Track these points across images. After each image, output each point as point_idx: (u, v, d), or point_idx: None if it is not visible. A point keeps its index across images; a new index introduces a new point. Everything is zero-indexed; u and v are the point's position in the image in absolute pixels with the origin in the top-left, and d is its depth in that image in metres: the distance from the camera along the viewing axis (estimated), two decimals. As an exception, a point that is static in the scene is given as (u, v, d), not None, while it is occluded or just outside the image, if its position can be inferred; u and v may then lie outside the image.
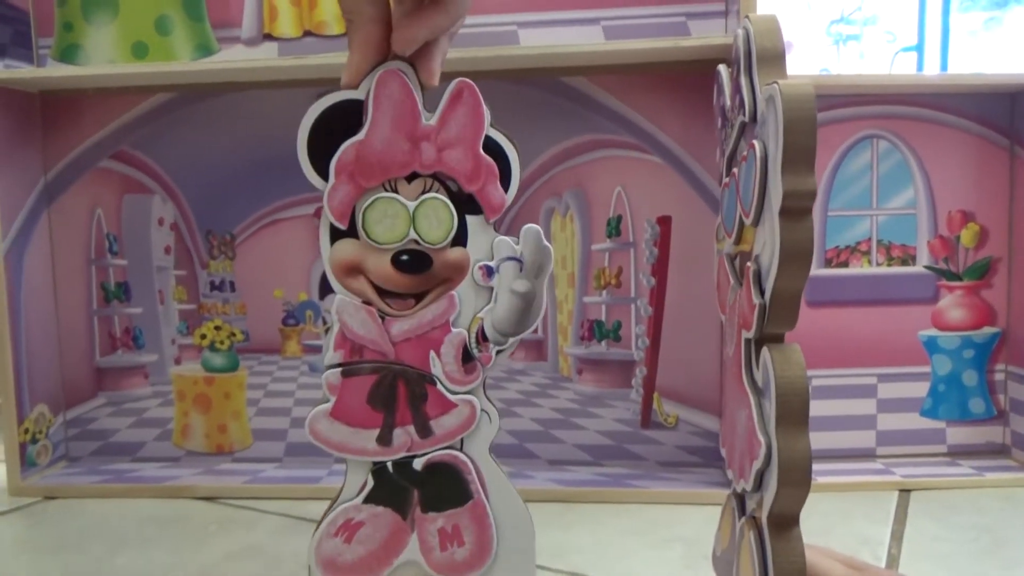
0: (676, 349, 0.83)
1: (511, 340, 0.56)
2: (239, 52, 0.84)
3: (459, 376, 0.56)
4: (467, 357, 0.56)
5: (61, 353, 0.90)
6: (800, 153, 0.39)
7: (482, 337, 0.56)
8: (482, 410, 0.57)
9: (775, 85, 0.40)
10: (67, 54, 0.85)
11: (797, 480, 0.40)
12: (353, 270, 0.54)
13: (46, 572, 0.66)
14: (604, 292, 0.85)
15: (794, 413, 0.41)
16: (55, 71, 0.82)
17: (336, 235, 0.54)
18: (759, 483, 0.43)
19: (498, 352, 0.56)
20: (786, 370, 0.41)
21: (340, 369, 0.55)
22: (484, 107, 0.54)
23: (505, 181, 0.55)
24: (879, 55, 1.38)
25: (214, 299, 0.89)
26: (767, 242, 0.42)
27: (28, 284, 0.85)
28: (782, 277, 0.41)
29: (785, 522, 0.42)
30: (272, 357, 0.89)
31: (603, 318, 0.85)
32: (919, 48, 1.38)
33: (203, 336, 0.89)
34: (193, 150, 0.87)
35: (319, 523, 0.56)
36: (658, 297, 0.83)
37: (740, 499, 0.49)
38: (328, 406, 0.55)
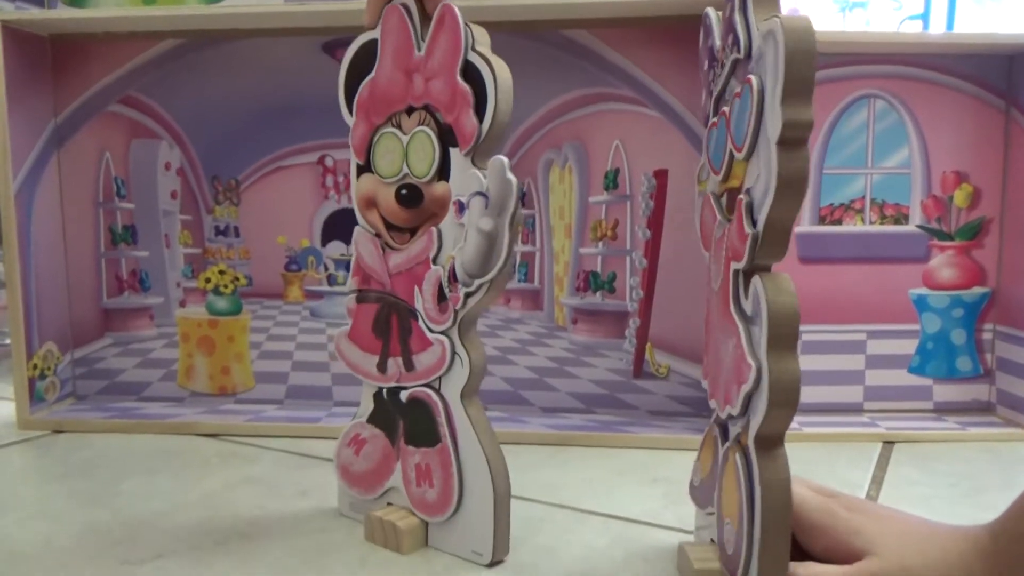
0: (669, 301, 0.85)
1: (476, 283, 0.52)
2: (246, -1, 0.85)
3: (435, 314, 0.55)
4: (442, 296, 0.55)
5: (69, 293, 0.92)
6: (800, 84, 0.40)
7: (452, 277, 0.53)
8: (455, 353, 0.54)
9: (775, 19, 0.41)
10: (77, -2, 0.87)
11: (786, 400, 0.42)
12: (370, 203, 0.58)
13: (53, 495, 0.68)
14: (600, 244, 0.86)
15: (785, 337, 0.43)
16: (65, 14, 0.84)
17: (361, 171, 0.58)
18: (746, 407, 0.45)
19: (467, 295, 0.53)
20: (778, 296, 0.43)
21: (355, 295, 0.59)
22: (463, 30, 0.51)
23: (481, 108, 0.51)
24: (885, 23, 1.38)
25: (219, 244, 0.91)
26: (761, 174, 0.43)
27: (38, 225, 0.87)
28: (777, 206, 0.42)
29: (771, 442, 0.44)
30: (274, 302, 0.91)
31: (599, 269, 0.87)
32: (924, 16, 1.38)
33: (207, 280, 0.91)
34: (200, 96, 0.88)
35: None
36: (653, 250, 0.85)
37: (723, 427, 0.51)
38: (347, 328, 0.60)
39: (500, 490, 0.54)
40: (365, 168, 0.58)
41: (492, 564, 0.55)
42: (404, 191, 0.55)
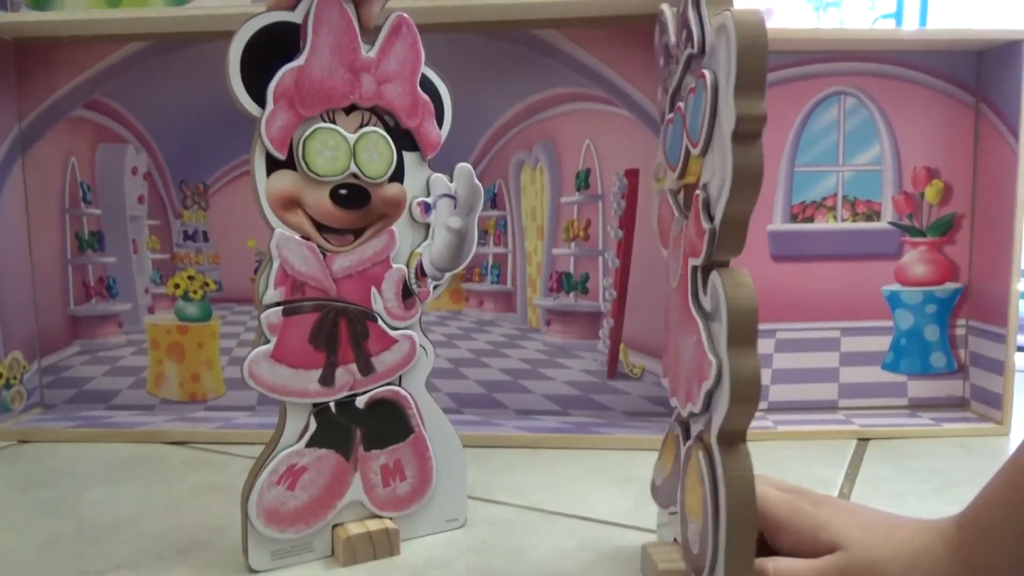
0: (643, 301, 0.85)
1: (446, 276, 0.58)
2: (212, 1, 0.84)
3: (400, 312, 0.57)
4: (406, 292, 0.57)
5: (36, 301, 0.90)
6: (752, 78, 0.40)
7: (421, 273, 0.57)
8: (420, 345, 0.58)
9: (727, 13, 0.41)
10: (41, 1, 0.85)
11: (747, 396, 0.42)
12: (291, 203, 0.52)
13: (14, 506, 0.67)
14: (572, 244, 0.86)
15: (744, 332, 0.42)
16: (28, 17, 0.83)
17: (271, 167, 0.51)
18: (708, 404, 0.45)
19: (435, 287, 0.58)
20: (736, 291, 0.42)
21: (281, 308, 0.53)
22: (421, 43, 0.54)
23: (439, 120, 0.56)
24: (859, 22, 1.40)
25: (187, 249, 0.89)
26: (717, 169, 0.43)
27: (2, 232, 0.86)
28: (733, 201, 0.42)
29: (734, 439, 0.43)
30: (245, 307, 0.90)
31: (571, 270, 0.86)
32: (897, 15, 1.39)
33: (176, 286, 0.90)
34: (167, 100, 0.87)
35: (254, 473, 0.54)
36: (625, 249, 0.84)
37: (684, 426, 0.50)
38: (269, 347, 0.53)
39: (463, 455, 0.61)
40: (279, 164, 0.51)
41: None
42: (345, 191, 0.53)
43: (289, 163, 0.52)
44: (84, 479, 0.73)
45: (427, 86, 0.56)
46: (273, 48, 0.50)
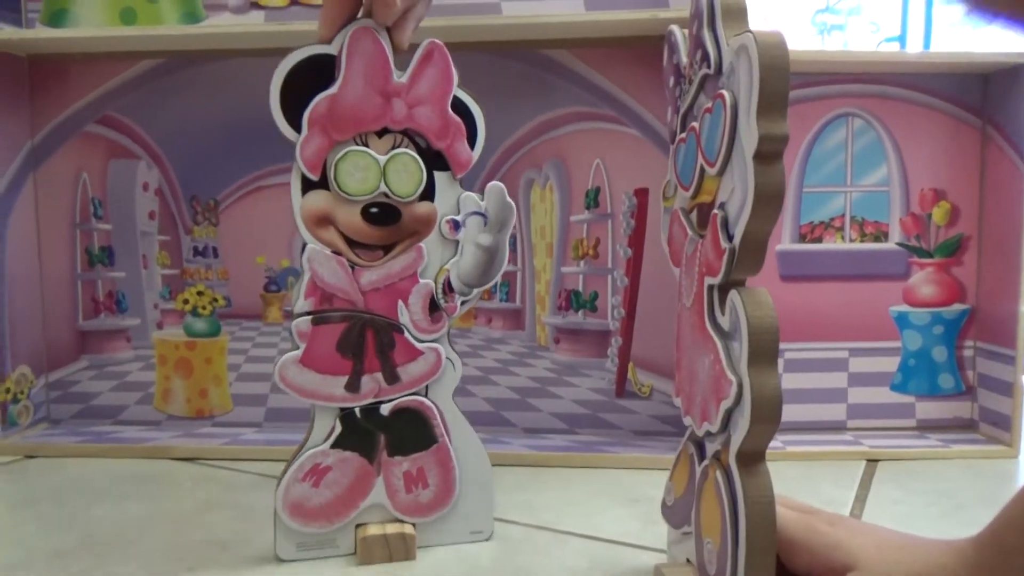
0: (651, 320, 0.85)
1: (474, 291, 0.59)
2: (226, 19, 0.85)
3: (426, 325, 0.59)
4: (434, 307, 0.59)
5: (44, 316, 0.91)
6: (774, 98, 0.41)
7: (448, 288, 0.59)
8: (447, 358, 0.59)
9: (748, 34, 0.41)
10: (56, 18, 0.86)
11: (768, 416, 0.42)
12: (323, 220, 0.56)
13: (20, 522, 0.66)
14: (582, 263, 0.86)
15: (765, 351, 0.42)
16: (43, 34, 0.83)
17: (307, 187, 0.56)
18: (726, 423, 0.45)
19: (463, 303, 0.59)
20: (756, 311, 0.43)
21: (310, 317, 0.57)
22: (453, 67, 0.57)
23: (471, 140, 0.58)
24: (863, 45, 1.40)
25: (197, 264, 0.90)
26: (736, 188, 0.43)
27: (13, 247, 0.86)
28: (754, 220, 0.42)
29: (753, 459, 0.43)
30: (254, 323, 0.90)
31: (580, 288, 0.86)
32: (901, 39, 1.40)
33: (185, 301, 0.90)
34: (179, 116, 0.88)
35: (284, 470, 0.57)
36: (634, 268, 0.85)
37: (699, 445, 0.50)
38: (298, 353, 0.57)
39: (490, 469, 0.62)
40: (314, 184, 0.56)
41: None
42: (375, 209, 0.56)
43: (323, 183, 0.56)
44: (90, 495, 0.72)
45: (461, 108, 0.58)
46: (310, 76, 0.54)
